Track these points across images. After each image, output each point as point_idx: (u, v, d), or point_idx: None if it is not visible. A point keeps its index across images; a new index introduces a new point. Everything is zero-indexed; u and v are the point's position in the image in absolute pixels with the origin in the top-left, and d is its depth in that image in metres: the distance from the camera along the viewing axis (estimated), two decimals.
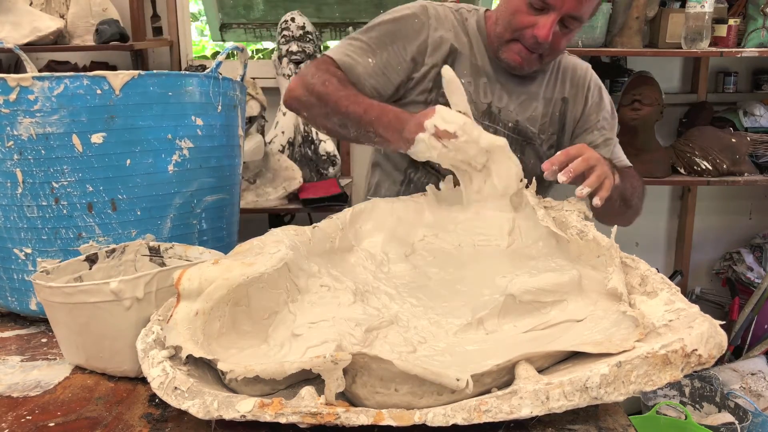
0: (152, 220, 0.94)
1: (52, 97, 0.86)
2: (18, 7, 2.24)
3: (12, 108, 0.86)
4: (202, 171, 0.98)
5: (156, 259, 0.92)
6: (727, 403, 2.08)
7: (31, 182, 0.89)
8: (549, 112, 1.32)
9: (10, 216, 0.91)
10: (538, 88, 1.31)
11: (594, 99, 1.34)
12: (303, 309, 0.81)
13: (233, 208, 1.11)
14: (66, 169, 0.88)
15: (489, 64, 1.29)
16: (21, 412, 0.72)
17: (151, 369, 0.68)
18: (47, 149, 0.87)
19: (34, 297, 0.93)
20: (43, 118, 0.86)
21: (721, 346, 0.64)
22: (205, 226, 1.01)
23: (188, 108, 0.95)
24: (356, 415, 0.61)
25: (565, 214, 0.97)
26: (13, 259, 0.93)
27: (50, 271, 0.82)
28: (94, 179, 0.89)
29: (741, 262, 2.72)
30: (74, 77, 0.86)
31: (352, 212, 1.03)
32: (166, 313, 0.76)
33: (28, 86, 0.85)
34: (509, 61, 1.24)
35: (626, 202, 1.21)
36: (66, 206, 0.90)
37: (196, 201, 0.99)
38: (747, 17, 2.35)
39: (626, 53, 2.45)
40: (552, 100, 1.32)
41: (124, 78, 0.88)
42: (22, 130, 0.87)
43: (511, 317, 0.81)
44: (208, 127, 0.98)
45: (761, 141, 2.38)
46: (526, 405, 0.60)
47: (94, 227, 0.91)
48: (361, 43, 1.26)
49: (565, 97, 1.33)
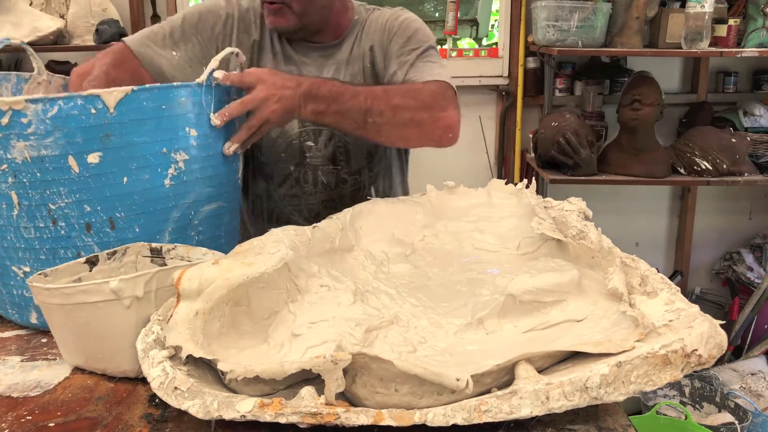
0: (150, 235, 0.92)
1: (46, 119, 0.83)
2: (18, 7, 2.24)
3: (4, 132, 0.83)
4: (197, 182, 0.97)
5: (157, 260, 0.92)
6: (727, 403, 2.08)
7: (27, 204, 0.87)
8: (361, 67, 1.31)
9: (6, 236, 0.89)
10: (345, 53, 1.31)
11: (393, 30, 1.30)
12: (303, 309, 0.81)
13: (232, 214, 1.09)
14: (63, 190, 0.86)
15: (290, 47, 1.29)
16: (21, 412, 0.72)
17: (151, 369, 0.68)
18: (42, 172, 0.85)
19: (35, 311, 0.93)
20: (37, 140, 0.84)
21: (721, 346, 0.64)
22: (203, 237, 0.99)
23: (182, 120, 0.93)
24: (356, 415, 0.61)
25: (565, 214, 0.97)
26: (12, 276, 0.92)
27: (48, 274, 0.82)
28: (92, 199, 0.88)
29: (741, 262, 2.72)
30: (68, 98, 0.84)
31: (352, 212, 1.03)
32: (166, 313, 0.76)
33: (20, 109, 0.83)
34: (269, 24, 1.24)
35: (380, 117, 1.12)
36: (64, 227, 0.88)
37: (193, 213, 0.97)
38: (747, 17, 2.35)
39: (626, 53, 2.46)
40: (361, 55, 1.31)
41: (118, 95, 0.86)
42: (16, 154, 0.84)
43: (511, 317, 0.81)
44: (202, 137, 0.96)
45: (761, 141, 2.38)
46: (526, 405, 0.60)
47: (93, 246, 0.90)
48: (165, 33, 1.22)
49: (372, 46, 1.31)
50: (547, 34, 2.28)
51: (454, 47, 2.82)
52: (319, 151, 1.30)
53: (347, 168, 1.33)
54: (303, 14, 1.22)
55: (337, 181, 1.33)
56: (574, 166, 2.29)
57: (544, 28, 2.28)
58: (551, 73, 2.59)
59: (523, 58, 2.60)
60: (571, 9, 2.23)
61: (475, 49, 3.06)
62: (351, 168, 1.33)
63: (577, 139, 2.25)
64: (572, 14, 2.23)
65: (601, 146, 2.44)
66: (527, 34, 2.54)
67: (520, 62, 2.60)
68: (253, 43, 1.28)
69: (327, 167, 1.31)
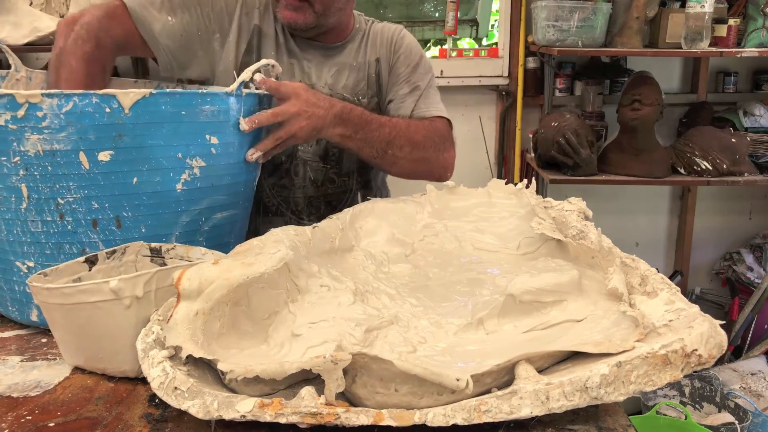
0: (157, 237, 0.92)
1: (60, 114, 0.84)
2: (18, 7, 2.24)
3: (20, 124, 0.84)
4: (213, 189, 0.96)
5: (157, 260, 0.92)
6: (727, 403, 2.08)
7: (36, 197, 0.87)
8: (365, 76, 1.32)
9: (13, 230, 0.90)
10: (348, 57, 1.32)
11: (403, 52, 1.33)
12: (303, 309, 0.81)
13: (243, 221, 1.09)
14: (72, 185, 0.87)
15: (293, 41, 1.29)
16: (21, 412, 0.72)
17: (151, 369, 0.68)
18: (54, 166, 0.86)
19: (36, 308, 0.93)
20: (50, 135, 0.84)
21: (721, 346, 0.64)
22: (212, 243, 0.99)
23: (202, 127, 0.93)
24: (356, 415, 0.61)
25: (565, 214, 0.97)
26: (15, 272, 0.92)
27: (48, 274, 0.82)
28: (100, 196, 0.88)
29: (741, 262, 2.72)
30: (83, 95, 0.84)
31: (352, 212, 1.03)
32: (166, 313, 0.76)
33: (36, 103, 0.83)
34: (283, 18, 1.23)
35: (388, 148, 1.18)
36: (71, 222, 0.88)
37: (204, 219, 0.97)
38: (747, 17, 2.35)
39: (626, 53, 2.46)
40: (366, 63, 1.32)
41: (134, 97, 0.86)
42: (29, 146, 0.85)
43: (511, 317, 0.81)
44: (223, 146, 0.95)
45: (761, 141, 2.38)
46: (526, 405, 0.60)
47: (98, 243, 0.90)
48: None
49: (378, 58, 1.33)
50: (547, 34, 2.28)
51: (454, 47, 2.82)
52: (311, 147, 1.31)
53: (336, 168, 1.34)
54: (322, 14, 1.22)
55: (325, 179, 1.34)
56: (574, 166, 2.29)
57: (544, 28, 2.28)
58: (551, 73, 2.59)
59: (523, 58, 2.60)
60: (571, 9, 2.23)
61: (475, 49, 3.06)
62: (341, 169, 1.34)
63: (577, 139, 2.25)
64: (572, 14, 2.23)
65: (601, 146, 2.44)
66: (527, 34, 2.54)
67: (520, 62, 2.60)
68: (254, 28, 1.27)
69: (317, 164, 1.32)
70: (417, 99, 1.31)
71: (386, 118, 1.21)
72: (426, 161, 1.23)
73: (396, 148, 1.19)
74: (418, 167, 1.24)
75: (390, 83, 1.33)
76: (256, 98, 1.02)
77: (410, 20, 3.70)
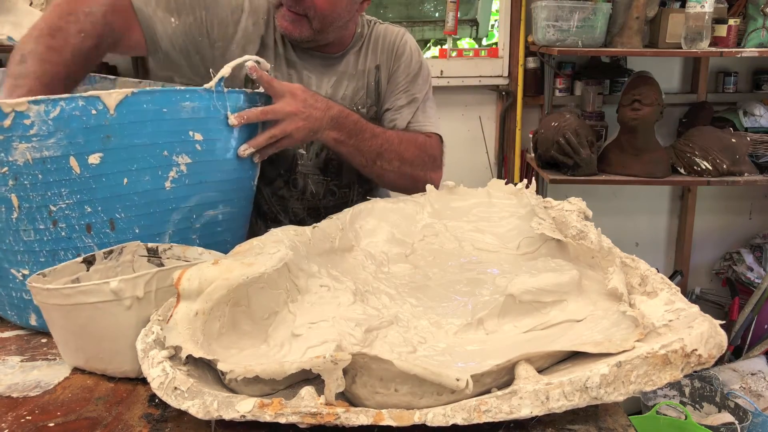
0: (151, 237, 0.92)
1: (48, 120, 0.83)
2: (18, 7, 2.24)
3: (6, 134, 0.82)
4: (202, 186, 0.96)
5: (154, 259, 0.92)
6: (727, 403, 2.09)
7: (28, 207, 0.86)
8: (364, 84, 1.31)
9: (5, 239, 0.89)
10: (347, 66, 1.30)
11: (404, 61, 1.32)
12: (303, 309, 0.81)
13: (240, 220, 1.09)
14: (64, 191, 0.86)
15: (292, 51, 1.27)
16: (21, 413, 0.72)
17: (151, 369, 0.68)
18: (44, 173, 0.84)
19: (34, 313, 0.92)
20: (39, 142, 0.83)
21: (721, 346, 0.64)
22: (206, 241, 0.98)
23: (185, 123, 0.92)
24: (356, 415, 0.61)
25: (564, 214, 0.97)
26: (11, 278, 0.92)
27: (47, 274, 0.81)
28: (93, 200, 0.87)
29: (741, 262, 2.72)
30: (69, 99, 0.83)
31: (352, 212, 1.03)
32: (166, 313, 0.76)
33: (23, 111, 0.82)
34: (281, 28, 1.21)
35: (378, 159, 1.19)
36: (64, 228, 0.88)
37: (195, 216, 0.97)
38: (747, 17, 2.35)
39: (626, 53, 2.46)
40: (365, 71, 1.31)
41: (118, 97, 0.86)
42: (18, 156, 0.83)
43: (511, 317, 0.81)
44: (209, 142, 0.95)
45: (761, 141, 2.39)
46: (526, 405, 0.60)
47: (93, 247, 0.89)
48: None
49: (378, 65, 1.31)
50: (547, 34, 2.28)
51: (454, 47, 2.82)
52: (310, 160, 1.30)
53: (337, 180, 1.33)
54: (320, 30, 1.21)
55: (326, 191, 1.34)
56: (574, 166, 2.29)
57: (544, 28, 2.28)
58: (551, 73, 2.59)
59: (523, 58, 2.60)
60: (571, 9, 2.23)
61: (475, 49, 3.06)
62: (341, 181, 1.34)
63: (577, 139, 2.25)
64: (572, 14, 2.23)
65: (601, 146, 2.44)
66: (527, 34, 2.55)
67: (520, 62, 2.60)
68: (260, 37, 1.25)
69: (317, 177, 1.32)
70: (414, 111, 1.30)
71: (380, 129, 1.20)
72: (412, 178, 1.23)
73: (385, 161, 1.19)
74: (404, 182, 1.24)
75: (388, 91, 1.32)
76: (243, 95, 1.01)
77: (410, 20, 3.70)
